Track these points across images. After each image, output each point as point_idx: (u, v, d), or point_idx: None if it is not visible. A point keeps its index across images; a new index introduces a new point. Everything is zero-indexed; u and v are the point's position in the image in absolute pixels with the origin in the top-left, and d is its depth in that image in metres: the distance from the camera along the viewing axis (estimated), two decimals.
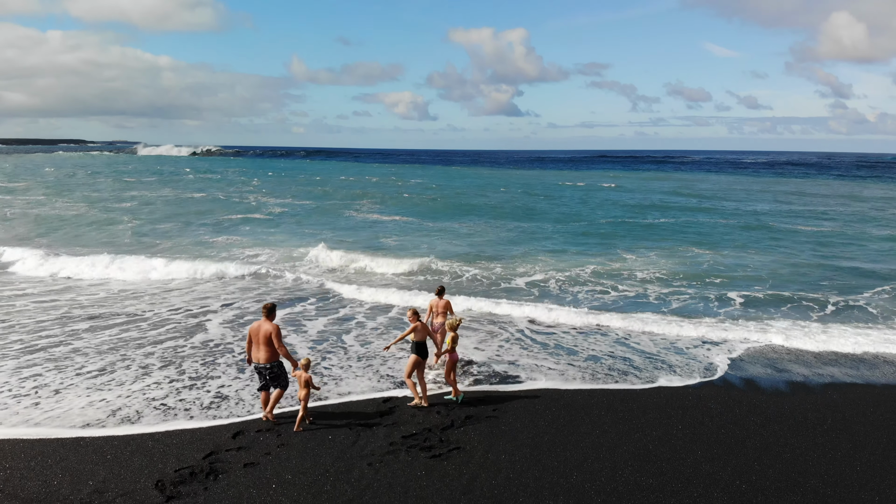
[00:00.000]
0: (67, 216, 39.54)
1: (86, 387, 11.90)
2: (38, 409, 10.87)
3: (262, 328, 10.23)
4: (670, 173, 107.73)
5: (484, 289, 20.65)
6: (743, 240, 31.91)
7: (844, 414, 11.18)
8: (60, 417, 10.53)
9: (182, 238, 31.84)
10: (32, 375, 12.41)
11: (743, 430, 10.40)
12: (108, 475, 8.66)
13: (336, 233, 33.78)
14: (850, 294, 20.17)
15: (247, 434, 9.95)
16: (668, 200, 54.24)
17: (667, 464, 9.16)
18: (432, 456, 9.26)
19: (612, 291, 20.46)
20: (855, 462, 9.39)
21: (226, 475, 8.66)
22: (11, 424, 10.23)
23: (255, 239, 31.26)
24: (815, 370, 13.52)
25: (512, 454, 9.38)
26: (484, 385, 12.31)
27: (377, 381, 12.47)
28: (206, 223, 37.31)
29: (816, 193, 64.10)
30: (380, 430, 10.13)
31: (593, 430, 10.24)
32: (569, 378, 12.72)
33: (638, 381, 12.65)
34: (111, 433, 9.96)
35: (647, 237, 32.78)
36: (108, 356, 13.63)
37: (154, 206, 46.97)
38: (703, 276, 22.70)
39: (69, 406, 11.01)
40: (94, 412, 10.77)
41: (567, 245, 29.92)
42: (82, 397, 11.41)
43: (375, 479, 8.62)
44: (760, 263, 25.46)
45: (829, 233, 34.63)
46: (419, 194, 58.97)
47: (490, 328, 16.29)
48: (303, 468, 8.88)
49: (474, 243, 29.89)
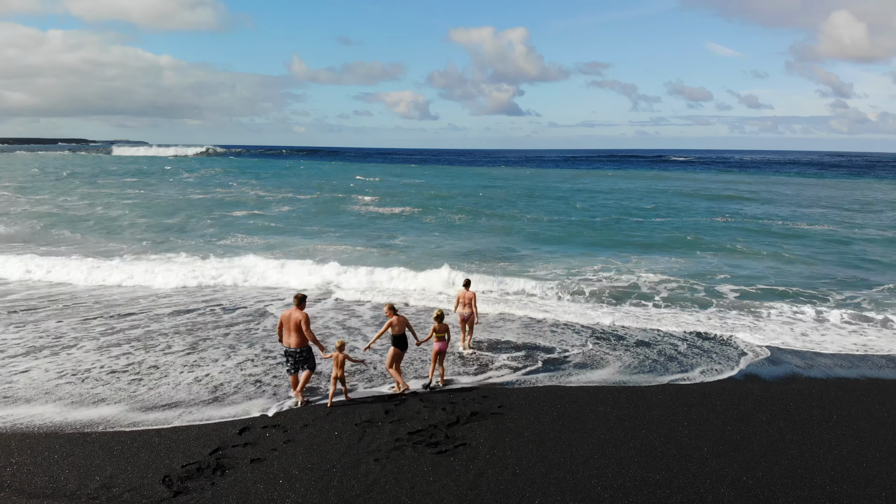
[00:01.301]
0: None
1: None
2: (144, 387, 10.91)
3: (293, 316, 10.97)
4: (713, 175, 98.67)
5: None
6: (750, 240, 31.92)
7: (850, 411, 11.18)
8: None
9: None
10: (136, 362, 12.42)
11: (749, 426, 10.40)
12: (115, 470, 8.67)
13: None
14: (857, 290, 20.16)
15: (253, 430, 9.96)
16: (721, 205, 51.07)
17: (673, 460, 9.17)
18: (438, 452, 9.26)
19: (624, 289, 20.46)
20: (861, 458, 9.39)
21: (233, 471, 8.67)
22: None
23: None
24: (820, 367, 13.52)
25: (518, 450, 9.38)
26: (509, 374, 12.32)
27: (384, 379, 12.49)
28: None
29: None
30: (385, 427, 10.13)
31: (599, 427, 10.24)
32: (568, 375, 12.74)
33: (642, 377, 12.66)
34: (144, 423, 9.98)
35: (661, 234, 32.79)
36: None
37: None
38: (708, 275, 22.70)
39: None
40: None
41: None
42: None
43: (382, 474, 8.62)
44: (768, 262, 25.46)
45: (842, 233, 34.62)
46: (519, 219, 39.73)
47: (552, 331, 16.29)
48: (309, 464, 8.89)
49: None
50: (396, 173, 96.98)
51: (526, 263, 24.73)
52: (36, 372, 12.51)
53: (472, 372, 12.90)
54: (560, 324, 16.59)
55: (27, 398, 11.23)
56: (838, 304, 18.68)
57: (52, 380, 12.07)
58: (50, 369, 12.64)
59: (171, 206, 45.16)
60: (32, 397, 11.26)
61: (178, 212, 41.96)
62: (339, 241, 30.25)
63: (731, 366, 13.43)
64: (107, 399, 11.20)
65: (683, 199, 54.87)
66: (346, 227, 35.68)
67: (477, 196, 56.58)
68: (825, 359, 14.13)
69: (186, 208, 44.19)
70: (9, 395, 11.33)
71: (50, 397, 11.26)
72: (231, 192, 57.86)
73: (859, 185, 78.96)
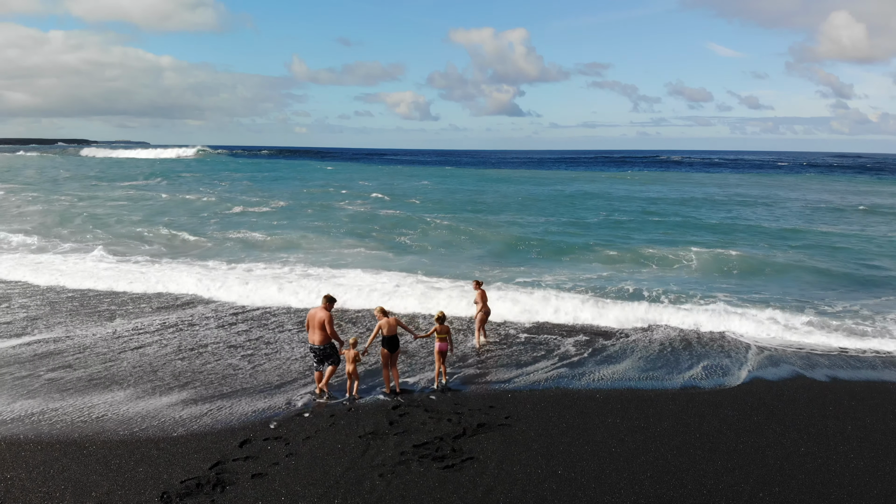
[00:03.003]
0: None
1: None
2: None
3: (318, 315, 11.51)
4: (753, 176, 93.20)
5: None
6: (767, 238, 31.63)
7: (864, 422, 10.92)
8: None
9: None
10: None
11: (762, 438, 10.14)
12: (111, 486, 8.41)
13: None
14: (874, 297, 19.88)
15: (254, 443, 9.69)
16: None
17: (687, 475, 8.91)
18: (445, 466, 8.99)
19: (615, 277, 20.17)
20: (878, 471, 9.14)
21: (233, 486, 8.41)
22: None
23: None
24: (832, 376, 13.23)
25: (526, 465, 9.12)
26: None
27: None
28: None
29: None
30: (390, 439, 9.87)
31: (609, 439, 9.98)
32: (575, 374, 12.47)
33: (650, 384, 12.39)
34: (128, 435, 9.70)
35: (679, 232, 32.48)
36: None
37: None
38: (715, 272, 22.44)
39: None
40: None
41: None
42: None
43: (387, 491, 8.36)
44: (783, 264, 25.16)
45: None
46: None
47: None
48: (312, 479, 8.62)
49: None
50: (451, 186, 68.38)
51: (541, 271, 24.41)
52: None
53: (479, 379, 12.64)
54: (568, 328, 16.31)
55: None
56: (844, 310, 18.39)
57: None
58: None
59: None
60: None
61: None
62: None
63: (740, 373, 13.15)
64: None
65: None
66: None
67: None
68: (836, 367, 13.81)
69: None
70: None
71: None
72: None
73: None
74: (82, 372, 12.67)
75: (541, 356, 14.16)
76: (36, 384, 12.00)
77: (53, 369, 12.79)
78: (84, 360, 13.35)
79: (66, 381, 12.20)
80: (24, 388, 11.82)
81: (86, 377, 12.41)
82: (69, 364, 13.12)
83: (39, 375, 12.46)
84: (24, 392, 11.61)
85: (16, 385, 11.95)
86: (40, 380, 12.23)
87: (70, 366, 13.02)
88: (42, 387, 11.88)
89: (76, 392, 11.65)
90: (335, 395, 11.73)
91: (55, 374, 12.51)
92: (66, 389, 11.77)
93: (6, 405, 11.03)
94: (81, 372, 12.67)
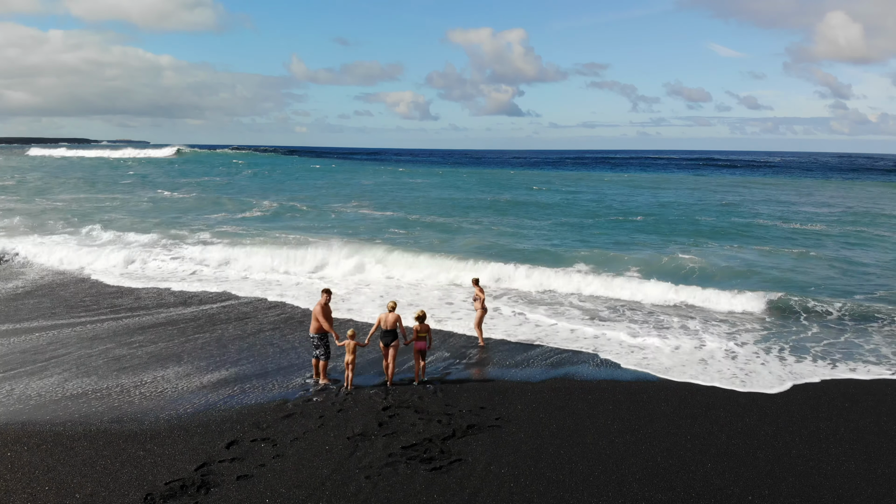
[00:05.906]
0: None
1: None
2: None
3: (315, 307, 12.36)
4: (786, 179, 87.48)
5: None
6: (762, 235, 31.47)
7: (857, 424, 10.82)
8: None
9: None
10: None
11: (753, 440, 10.06)
12: (95, 487, 8.34)
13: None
14: (864, 300, 19.76)
15: (241, 444, 9.62)
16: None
17: (676, 477, 8.83)
18: (433, 469, 8.91)
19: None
20: (870, 475, 9.05)
21: (218, 488, 8.33)
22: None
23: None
24: (824, 377, 13.12)
25: (515, 466, 9.04)
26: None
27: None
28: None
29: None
30: (378, 440, 9.79)
31: (599, 441, 9.90)
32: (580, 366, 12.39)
33: (642, 385, 12.31)
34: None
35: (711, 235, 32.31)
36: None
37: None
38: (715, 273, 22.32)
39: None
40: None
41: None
42: None
43: (373, 493, 8.28)
44: (791, 263, 24.98)
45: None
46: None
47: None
48: (298, 481, 8.55)
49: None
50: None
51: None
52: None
53: (472, 380, 12.56)
54: (569, 329, 16.24)
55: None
56: (838, 310, 18.24)
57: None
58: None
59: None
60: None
61: None
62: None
63: (734, 375, 13.06)
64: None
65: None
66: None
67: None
68: (829, 368, 13.70)
69: None
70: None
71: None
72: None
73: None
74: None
75: (535, 358, 14.08)
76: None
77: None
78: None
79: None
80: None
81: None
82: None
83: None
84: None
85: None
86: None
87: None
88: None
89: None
90: (337, 378, 12.56)
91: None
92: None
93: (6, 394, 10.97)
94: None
